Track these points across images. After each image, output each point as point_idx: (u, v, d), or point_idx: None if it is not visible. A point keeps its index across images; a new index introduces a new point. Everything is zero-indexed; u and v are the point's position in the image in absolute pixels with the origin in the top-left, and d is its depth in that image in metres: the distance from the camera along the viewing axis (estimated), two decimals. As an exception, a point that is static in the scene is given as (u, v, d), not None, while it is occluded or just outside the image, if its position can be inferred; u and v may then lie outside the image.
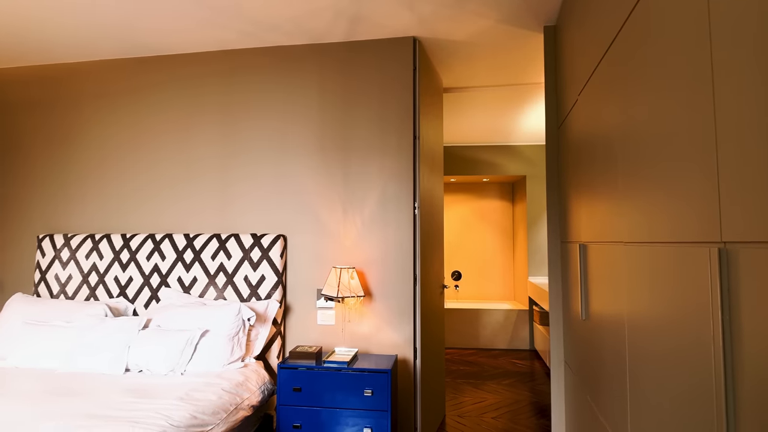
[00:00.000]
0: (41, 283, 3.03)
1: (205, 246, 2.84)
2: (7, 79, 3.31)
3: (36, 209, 3.20)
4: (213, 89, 3.02)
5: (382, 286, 2.71)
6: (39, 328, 2.52)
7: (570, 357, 2.30)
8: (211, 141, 2.99)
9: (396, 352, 2.67)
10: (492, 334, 5.46)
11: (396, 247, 2.72)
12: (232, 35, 2.80)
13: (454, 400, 3.69)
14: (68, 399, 1.89)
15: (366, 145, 2.80)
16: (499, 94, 3.90)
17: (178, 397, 1.92)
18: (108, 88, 3.15)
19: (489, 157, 5.65)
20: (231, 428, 1.96)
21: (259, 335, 2.61)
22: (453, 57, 3.06)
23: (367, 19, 2.58)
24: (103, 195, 3.10)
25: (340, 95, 2.86)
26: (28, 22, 2.63)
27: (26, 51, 3.02)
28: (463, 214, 6.31)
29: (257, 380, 2.36)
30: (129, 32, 2.75)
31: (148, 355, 2.31)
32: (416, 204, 2.72)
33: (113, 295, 2.92)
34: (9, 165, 3.25)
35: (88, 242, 2.99)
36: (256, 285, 2.76)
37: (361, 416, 2.26)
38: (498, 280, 6.17)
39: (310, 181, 2.85)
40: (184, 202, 2.99)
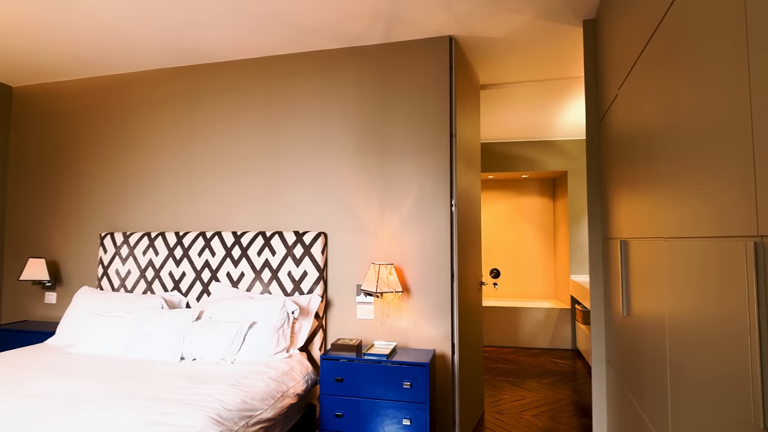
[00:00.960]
0: (104, 278, 3.27)
1: (252, 243, 2.99)
2: (68, 90, 3.58)
3: (98, 209, 3.46)
4: (256, 94, 3.16)
5: (420, 282, 2.77)
6: (104, 318, 2.74)
7: (611, 355, 2.28)
8: (255, 143, 3.13)
9: (434, 347, 2.72)
10: (532, 332, 5.40)
11: (433, 244, 2.76)
12: (274, 42, 2.93)
13: (493, 397, 3.70)
14: (131, 382, 2.06)
15: (403, 144, 2.86)
16: (538, 89, 3.85)
17: (229, 383, 2.05)
18: (160, 95, 3.36)
19: (528, 153, 5.58)
20: (278, 414, 2.08)
21: (302, 328, 2.72)
22: (490, 54, 3.07)
23: (403, 20, 2.63)
24: (157, 195, 3.31)
25: (377, 96, 2.93)
26: (86, 40, 2.85)
27: (85, 65, 3.27)
28: (501, 211, 6.25)
29: (301, 370, 2.48)
30: (178, 43, 2.93)
31: (201, 344, 2.47)
32: (453, 201, 2.75)
33: (168, 288, 3.12)
34: (72, 169, 3.53)
35: (145, 240, 3.20)
36: (298, 280, 2.88)
37: (400, 408, 2.33)
38: (538, 278, 6.08)
39: (349, 180, 2.94)
40: (232, 201, 3.15)
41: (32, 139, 3.67)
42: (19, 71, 3.44)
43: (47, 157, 3.61)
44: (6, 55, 3.15)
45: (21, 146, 3.70)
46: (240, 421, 1.81)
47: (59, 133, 3.60)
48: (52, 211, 3.57)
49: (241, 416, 1.83)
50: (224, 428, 1.70)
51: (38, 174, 3.63)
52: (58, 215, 3.55)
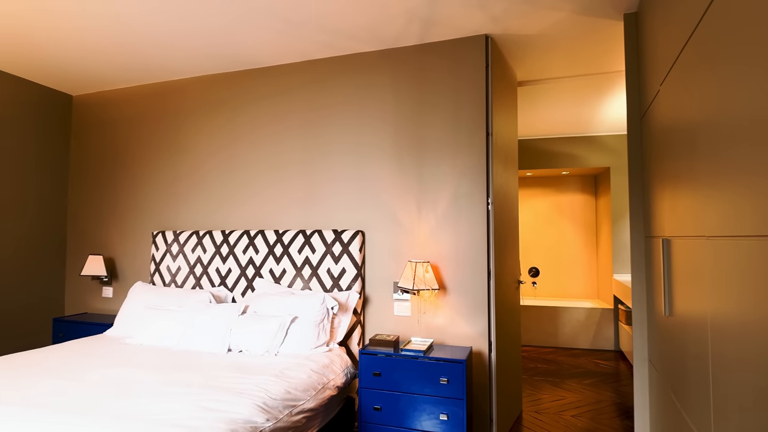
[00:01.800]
0: (156, 273, 3.48)
1: (293, 241, 3.10)
2: (123, 98, 3.82)
3: (150, 209, 3.67)
4: (297, 98, 3.27)
5: (456, 280, 2.79)
6: (157, 312, 2.92)
7: (653, 355, 2.23)
8: (296, 145, 3.24)
9: (470, 344, 2.74)
10: (573, 332, 5.29)
11: (469, 242, 2.78)
12: (312, 46, 3.02)
13: (531, 397, 3.67)
14: (183, 371, 2.20)
15: (439, 144, 2.89)
16: (579, 84, 3.78)
17: (273, 374, 2.15)
18: (207, 100, 3.53)
19: (568, 149, 5.46)
20: (319, 405, 2.17)
21: (341, 323, 2.81)
22: (527, 51, 3.05)
23: (438, 21, 2.66)
24: (205, 196, 3.49)
25: (413, 96, 2.97)
26: (138, 50, 3.04)
27: (137, 73, 3.48)
28: (540, 209, 6.15)
29: (341, 364, 2.56)
30: (224, 50, 3.07)
31: (247, 337, 2.59)
32: (489, 200, 2.76)
33: (215, 284, 3.29)
34: (127, 172, 3.76)
35: (194, 238, 3.38)
36: (337, 277, 2.97)
37: (437, 403, 2.37)
38: (579, 277, 5.95)
39: (386, 180, 3.00)
40: (274, 201, 3.28)
41: (90, 144, 3.94)
42: (78, 81, 3.69)
43: (104, 161, 3.87)
44: (67, 67, 3.40)
45: (80, 151, 3.98)
46: (284, 410, 1.90)
47: (115, 138, 3.84)
48: (109, 211, 3.82)
49: (285, 405, 1.93)
50: (270, 416, 1.80)
51: (96, 177, 3.89)
52: (115, 215, 3.80)
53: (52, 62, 3.31)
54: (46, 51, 3.11)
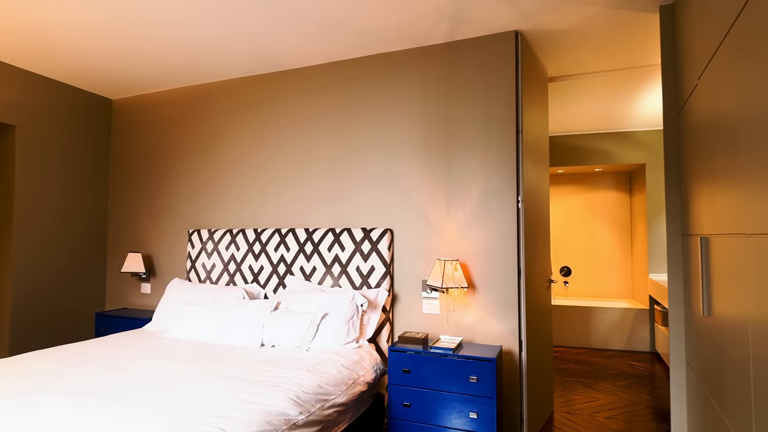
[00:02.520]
0: (192, 270, 3.60)
1: (323, 239, 3.15)
2: (159, 101, 3.96)
3: (186, 208, 3.80)
4: (326, 98, 3.32)
5: (486, 278, 2.78)
6: (193, 307, 3.02)
7: (691, 356, 2.17)
8: (326, 145, 3.29)
9: (500, 343, 2.72)
10: (606, 333, 5.17)
11: (499, 240, 2.76)
12: (341, 48, 3.06)
13: (563, 398, 3.61)
14: (220, 365, 2.28)
15: (468, 141, 2.88)
16: (612, 79, 3.69)
17: (305, 368, 2.20)
18: (240, 102, 3.63)
19: (601, 145, 5.33)
20: (350, 400, 2.20)
21: (371, 320, 2.84)
22: (558, 46, 3.00)
23: (467, 18, 2.65)
24: (238, 195, 3.59)
25: (441, 94, 2.97)
26: (173, 56, 3.14)
27: (173, 77, 3.60)
28: (572, 207, 6.02)
29: (370, 360, 2.59)
30: (256, 53, 3.15)
31: (279, 332, 2.66)
32: (520, 198, 2.73)
33: (248, 281, 3.37)
34: (164, 173, 3.90)
35: (227, 236, 3.48)
36: (366, 275, 3.00)
37: (466, 401, 2.37)
38: (613, 276, 5.80)
39: (414, 178, 3.01)
40: (305, 200, 3.34)
41: (129, 146, 4.10)
42: (117, 86, 3.86)
43: (142, 162, 4.03)
44: (107, 72, 3.55)
45: (120, 153, 4.15)
46: (316, 404, 1.95)
47: (152, 140, 3.99)
48: (147, 210, 3.98)
49: (317, 399, 1.97)
50: (302, 409, 1.85)
51: (135, 177, 4.06)
52: (152, 214, 3.95)
53: (93, 68, 3.46)
54: (87, 58, 3.26)
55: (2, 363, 2.26)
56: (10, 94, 3.43)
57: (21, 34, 2.90)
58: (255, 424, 1.61)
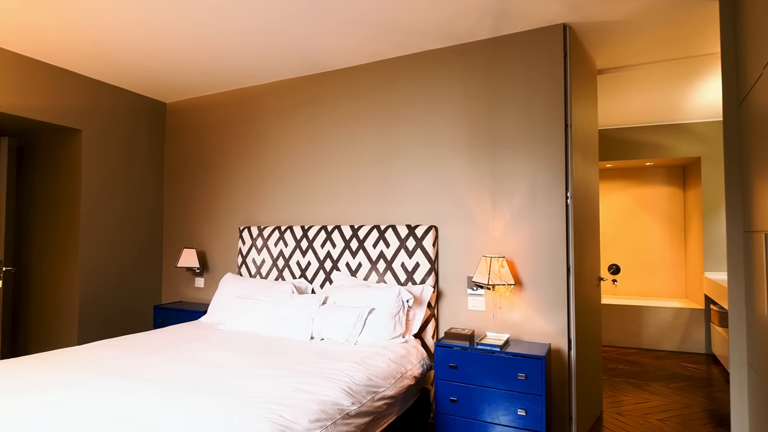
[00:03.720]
0: (243, 266, 3.75)
1: (368, 236, 3.21)
2: (211, 103, 4.14)
3: (237, 206, 3.96)
4: (370, 96, 3.37)
5: (533, 276, 2.75)
6: (246, 301, 3.16)
7: (755, 359, 2.07)
8: (370, 143, 3.35)
9: (548, 341, 2.70)
10: (658, 333, 4.98)
11: (546, 237, 2.73)
12: (385, 47, 3.09)
13: (612, 398, 3.53)
14: (274, 356, 2.38)
15: (514, 137, 2.85)
16: (666, 69, 3.55)
17: (355, 361, 2.27)
18: (287, 103, 3.74)
19: (653, 138, 5.13)
20: (398, 393, 2.25)
21: (416, 316, 2.87)
22: (608, 38, 2.92)
23: (513, 13, 2.62)
24: (286, 193, 3.70)
25: (485, 90, 2.96)
26: (225, 59, 3.28)
27: (223, 80, 3.75)
28: (621, 203, 5.82)
29: (417, 355, 2.63)
30: (302, 55, 3.23)
31: (328, 326, 2.74)
32: (569, 194, 2.69)
33: (296, 276, 3.49)
34: (216, 172, 4.08)
35: (276, 233, 3.61)
36: (411, 271, 3.03)
37: (514, 398, 2.37)
38: (665, 275, 5.57)
39: (459, 175, 3.01)
40: (350, 197, 3.41)
41: (183, 147, 4.31)
42: (171, 90, 4.06)
43: (195, 163, 4.22)
44: (162, 77, 3.75)
45: (174, 154, 4.37)
46: (367, 396, 2.01)
47: (204, 141, 4.18)
48: (200, 208, 4.17)
49: (367, 391, 2.03)
50: (354, 400, 1.91)
51: (189, 177, 4.26)
52: (205, 212, 4.14)
53: (149, 73, 3.66)
54: (144, 64, 3.46)
55: (76, 351, 2.45)
56: (77, 100, 3.68)
57: (86, 45, 3.11)
58: (311, 412, 1.68)
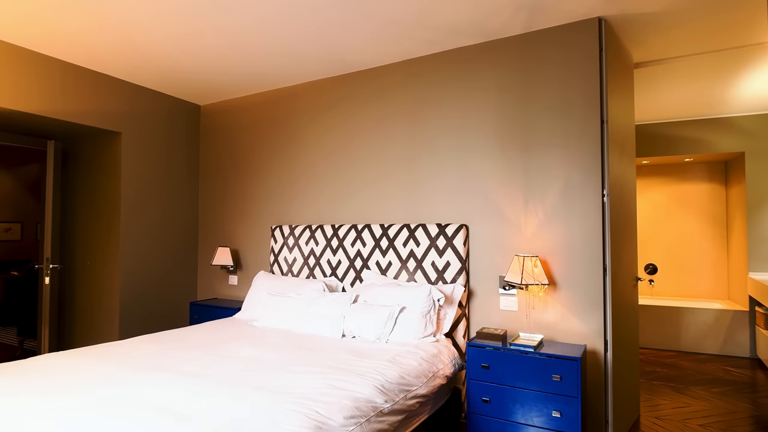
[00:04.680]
0: (275, 264, 3.82)
1: (398, 235, 3.21)
2: (243, 105, 4.23)
3: (269, 205, 4.03)
4: (399, 95, 3.37)
5: (567, 275, 2.70)
6: (278, 298, 3.21)
7: (807, 364, 1.97)
8: (400, 141, 3.35)
9: (583, 342, 2.64)
10: (698, 336, 4.80)
11: (582, 236, 2.67)
12: (415, 44, 3.09)
13: (650, 402, 3.42)
14: (306, 352, 2.41)
15: (547, 134, 2.80)
16: (707, 61, 3.41)
17: (387, 359, 2.28)
18: (317, 104, 3.78)
19: (692, 133, 4.94)
20: (430, 392, 2.25)
21: (447, 315, 2.86)
22: (647, 30, 2.82)
23: (547, 7, 2.57)
24: (317, 192, 3.75)
25: (518, 87, 2.91)
26: (256, 62, 3.34)
27: (255, 83, 3.82)
28: (658, 200, 5.63)
29: (448, 354, 2.62)
30: (332, 55, 3.26)
31: (359, 324, 2.76)
32: (605, 192, 2.62)
33: (326, 274, 3.53)
34: (249, 172, 4.17)
35: (307, 232, 3.65)
36: (442, 270, 3.02)
37: (549, 400, 2.33)
38: (705, 275, 5.36)
39: (490, 173, 2.98)
40: (379, 196, 3.43)
41: (217, 148, 4.42)
42: (205, 92, 4.16)
43: (229, 163, 4.32)
44: (197, 81, 3.85)
45: (209, 154, 4.48)
46: (400, 394, 2.02)
47: (238, 142, 4.27)
48: (234, 207, 4.27)
49: (400, 389, 2.04)
50: (387, 398, 1.92)
51: (223, 177, 4.36)
52: (238, 211, 4.24)
53: (184, 77, 3.77)
54: (180, 69, 3.56)
55: (120, 345, 2.55)
56: (117, 104, 3.82)
57: (125, 51, 3.22)
58: (346, 409, 1.70)
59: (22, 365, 2.12)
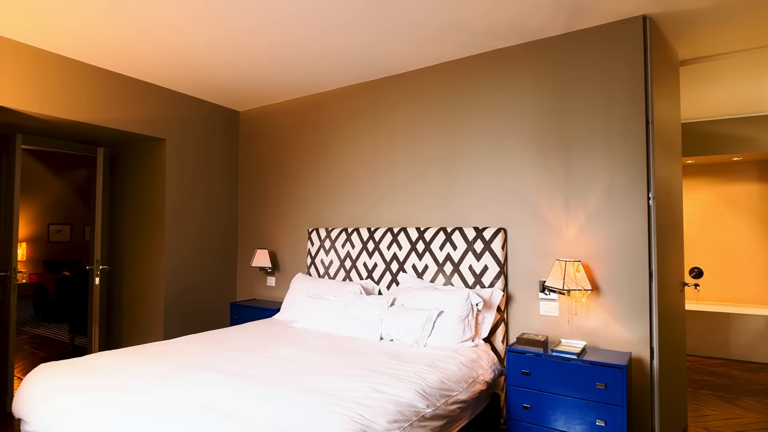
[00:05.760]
0: (311, 266, 3.88)
1: (434, 238, 3.21)
2: (280, 111, 4.31)
3: (306, 208, 4.10)
4: (435, 98, 3.36)
5: (611, 281, 2.63)
6: (317, 300, 3.26)
7: None
8: (435, 144, 3.35)
9: (628, 350, 2.56)
10: (749, 344, 4.58)
11: (626, 240, 2.59)
12: (451, 48, 3.08)
13: (698, 412, 3.29)
14: (346, 354, 2.44)
15: (589, 136, 2.74)
16: (758, 56, 3.26)
17: (426, 364, 2.28)
18: (352, 108, 3.82)
19: (741, 131, 4.72)
20: (470, 398, 2.24)
21: (485, 320, 2.84)
22: (693, 27, 2.72)
23: (588, 7, 2.52)
24: (352, 195, 3.79)
25: (557, 88, 2.86)
26: (293, 69, 3.40)
27: (292, 89, 3.90)
28: (703, 201, 5.41)
29: (488, 359, 2.60)
30: (368, 60, 3.29)
31: (397, 327, 2.77)
32: (651, 194, 2.54)
33: (363, 277, 3.55)
34: (286, 176, 4.25)
35: (343, 234, 3.70)
36: (479, 274, 3.00)
37: (592, 408, 2.28)
38: (756, 279, 5.10)
39: (529, 176, 2.94)
40: (415, 199, 3.43)
41: (255, 152, 4.53)
42: (244, 99, 4.27)
43: (267, 167, 4.42)
44: (236, 87, 3.95)
45: (247, 159, 4.59)
46: (441, 399, 2.01)
47: (275, 146, 4.37)
48: (272, 210, 4.36)
49: (441, 394, 2.04)
50: (429, 403, 1.92)
51: (261, 181, 4.47)
52: (276, 214, 4.33)
53: (224, 84, 3.88)
54: (219, 75, 3.67)
55: (165, 345, 2.65)
56: (161, 111, 3.97)
57: (168, 60, 3.35)
58: (389, 413, 1.72)
59: (81, 363, 2.24)
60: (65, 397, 1.86)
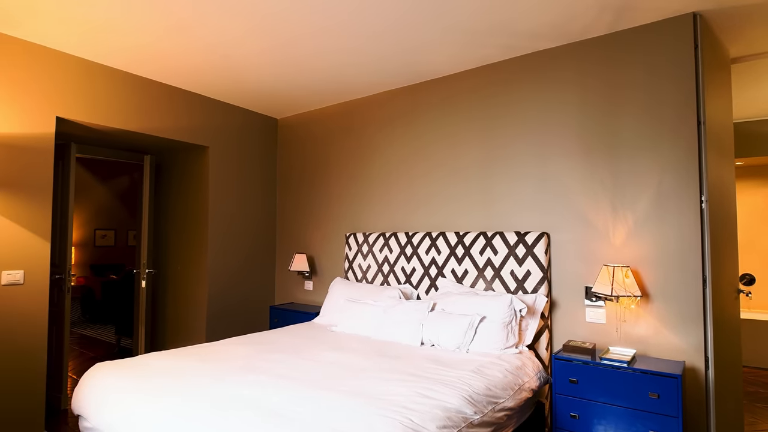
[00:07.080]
0: (349, 270, 3.91)
1: (474, 242, 3.18)
2: (317, 117, 4.38)
3: (343, 213, 4.14)
4: (474, 101, 3.34)
5: (662, 287, 2.54)
6: (356, 304, 3.29)
7: None
8: (474, 148, 3.32)
9: (681, 359, 2.47)
10: (807, 354, 4.33)
11: (677, 245, 2.50)
12: (492, 51, 3.06)
13: (755, 426, 3.13)
14: (387, 359, 2.45)
15: (635, 137, 2.66)
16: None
17: (471, 370, 2.26)
18: (389, 114, 3.85)
19: (796, 132, 4.48)
20: (517, 405, 2.20)
21: (529, 326, 2.79)
22: (745, 24, 2.61)
23: (635, 5, 2.46)
24: (390, 200, 3.80)
25: (601, 89, 2.80)
26: (330, 76, 3.45)
27: (328, 96, 3.95)
28: (755, 204, 5.16)
29: (533, 367, 2.55)
30: (406, 65, 3.31)
31: (438, 332, 2.76)
32: (703, 197, 2.45)
33: (401, 281, 3.56)
34: (324, 181, 4.31)
35: (381, 239, 3.71)
36: (522, 279, 2.95)
37: (645, 419, 2.20)
38: (814, 287, 4.82)
39: (572, 180, 2.88)
40: (453, 203, 3.41)
41: (293, 158, 4.61)
42: (281, 107, 4.36)
43: (304, 173, 4.49)
44: (274, 96, 4.04)
45: (285, 165, 4.68)
46: (488, 406, 1.99)
47: (312, 152, 4.44)
48: (309, 215, 4.43)
49: (488, 401, 2.01)
50: (476, 409, 1.90)
51: (299, 187, 4.54)
52: (314, 218, 4.39)
53: (262, 92, 3.97)
54: (260, 84, 3.76)
55: (212, 346, 2.72)
56: (205, 120, 4.10)
57: (218, 71, 3.46)
58: (438, 419, 1.71)
59: (135, 363, 2.32)
60: (131, 398, 1.93)
